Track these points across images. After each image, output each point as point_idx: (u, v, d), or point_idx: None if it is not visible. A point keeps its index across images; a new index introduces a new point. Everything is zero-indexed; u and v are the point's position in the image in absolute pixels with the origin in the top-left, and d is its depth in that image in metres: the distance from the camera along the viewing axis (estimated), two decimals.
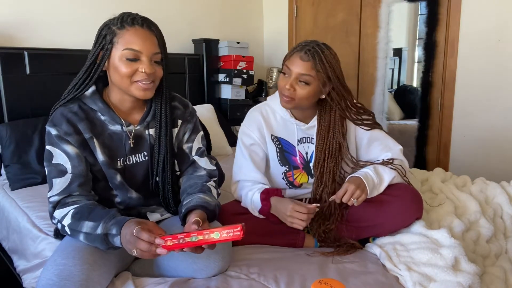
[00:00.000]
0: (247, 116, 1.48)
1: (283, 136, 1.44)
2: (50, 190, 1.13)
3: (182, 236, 0.94)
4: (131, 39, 1.08)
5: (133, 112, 1.22)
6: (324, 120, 1.39)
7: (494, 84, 2.41)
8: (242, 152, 1.44)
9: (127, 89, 1.13)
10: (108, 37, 1.10)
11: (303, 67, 1.27)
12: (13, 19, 2.13)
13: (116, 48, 1.09)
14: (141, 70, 1.09)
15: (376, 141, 1.43)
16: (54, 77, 2.14)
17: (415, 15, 3.01)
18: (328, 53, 1.29)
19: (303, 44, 1.31)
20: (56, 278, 0.97)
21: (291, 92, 1.29)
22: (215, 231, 0.93)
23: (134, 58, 1.09)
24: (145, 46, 1.09)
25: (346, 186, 1.25)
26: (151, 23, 1.13)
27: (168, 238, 0.94)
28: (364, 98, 2.99)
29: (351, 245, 1.33)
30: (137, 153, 1.22)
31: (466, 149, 2.58)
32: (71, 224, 1.07)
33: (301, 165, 1.44)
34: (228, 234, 0.93)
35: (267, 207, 1.31)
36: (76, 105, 1.16)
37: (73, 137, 1.12)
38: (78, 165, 1.13)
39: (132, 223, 1.00)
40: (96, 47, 1.12)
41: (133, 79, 1.11)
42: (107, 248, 1.05)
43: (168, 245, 0.94)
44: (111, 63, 1.11)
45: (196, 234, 0.94)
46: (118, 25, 1.09)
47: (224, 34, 3.15)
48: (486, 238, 1.47)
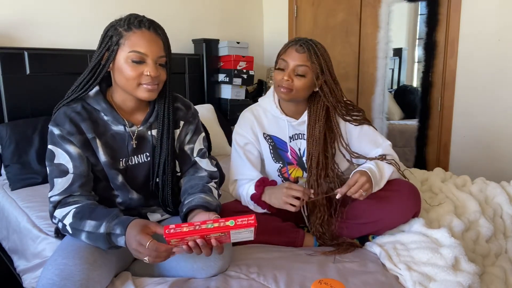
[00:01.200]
0: (240, 117, 1.52)
1: (275, 133, 1.46)
2: (51, 190, 1.13)
3: (199, 223, 0.94)
4: (137, 41, 1.09)
5: (136, 112, 1.23)
6: (314, 112, 1.42)
7: (494, 84, 2.41)
8: (238, 152, 1.46)
9: (132, 91, 1.13)
10: (114, 38, 1.10)
11: (299, 59, 1.32)
12: (13, 19, 2.13)
13: (122, 49, 1.09)
14: (146, 73, 1.10)
15: (365, 137, 1.44)
16: (54, 77, 2.14)
17: (415, 15, 3.01)
18: (320, 46, 1.35)
19: (296, 39, 1.36)
20: (56, 277, 0.97)
21: (289, 83, 1.32)
22: (230, 219, 0.94)
23: (139, 60, 1.09)
24: (151, 49, 1.10)
25: (357, 177, 1.23)
26: (157, 26, 1.14)
27: (185, 225, 0.94)
28: (364, 98, 2.99)
29: (351, 244, 1.33)
30: (139, 153, 1.22)
31: (466, 149, 2.58)
32: (72, 223, 1.07)
33: (294, 160, 1.46)
34: (243, 221, 0.94)
35: (258, 193, 1.32)
36: (79, 105, 1.16)
37: (75, 137, 1.12)
38: (80, 165, 1.13)
39: (136, 226, 1.00)
40: (102, 48, 1.12)
41: (139, 81, 1.11)
42: (109, 247, 1.05)
43: (184, 231, 0.93)
44: (116, 65, 1.11)
45: (212, 222, 0.95)
46: (124, 26, 1.09)
47: (224, 34, 3.15)
48: (485, 237, 1.47)
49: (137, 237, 0.97)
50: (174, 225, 0.94)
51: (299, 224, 1.48)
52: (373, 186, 1.26)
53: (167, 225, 0.95)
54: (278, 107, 1.44)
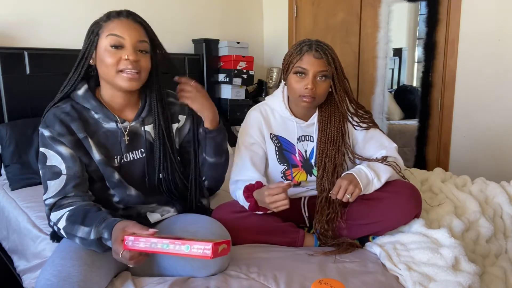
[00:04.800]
0: (247, 116, 1.50)
1: (282, 134, 1.45)
2: (45, 193, 1.12)
3: (155, 241, 0.93)
4: (114, 26, 1.10)
5: (126, 109, 1.22)
6: (325, 111, 1.42)
7: (494, 84, 2.41)
8: (242, 153, 1.44)
9: (113, 80, 1.12)
10: (95, 31, 1.12)
11: (319, 65, 1.31)
12: (13, 19, 2.13)
13: (101, 38, 1.11)
14: (125, 57, 1.09)
15: (371, 140, 1.45)
16: (54, 77, 2.14)
17: (415, 15, 3.01)
18: (331, 48, 1.35)
19: (307, 43, 1.33)
20: (54, 278, 0.97)
21: (313, 91, 1.31)
22: (186, 243, 0.91)
23: (117, 44, 1.09)
24: (129, 33, 1.10)
25: (339, 182, 1.26)
26: (137, 16, 1.15)
27: (143, 239, 0.94)
28: (364, 98, 2.99)
29: (351, 244, 1.33)
30: (133, 150, 1.21)
31: (466, 149, 2.58)
32: (65, 227, 1.07)
33: (300, 163, 1.44)
34: (198, 250, 0.89)
35: (252, 203, 1.31)
36: (68, 105, 1.16)
37: (66, 137, 1.12)
38: (73, 166, 1.12)
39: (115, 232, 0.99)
40: (85, 43, 1.14)
41: (118, 68, 1.10)
42: (104, 250, 1.05)
43: (141, 247, 0.93)
44: (98, 56, 1.12)
45: (168, 243, 0.92)
46: (105, 18, 1.12)
47: (224, 34, 3.15)
48: (485, 238, 1.47)
49: (114, 246, 0.98)
50: (134, 237, 0.94)
51: (299, 224, 1.48)
52: (361, 186, 1.27)
53: (127, 235, 0.95)
54: (287, 108, 1.43)
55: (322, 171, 1.41)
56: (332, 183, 1.38)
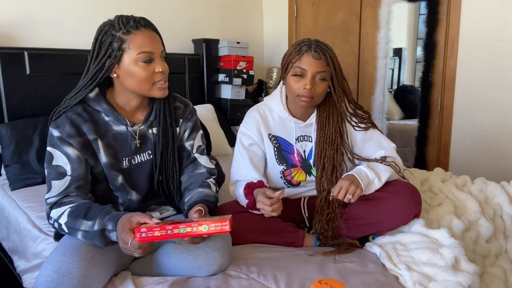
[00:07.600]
0: (246, 116, 1.50)
1: (281, 134, 1.45)
2: (48, 192, 1.13)
3: (171, 227, 0.95)
4: (141, 42, 1.10)
5: (137, 112, 1.24)
6: (323, 111, 1.42)
7: (494, 84, 2.41)
8: (241, 153, 1.45)
9: (147, 92, 1.15)
10: (115, 44, 1.09)
11: (318, 65, 1.31)
12: (13, 19, 2.13)
13: (128, 53, 1.10)
14: (158, 70, 1.13)
15: (370, 140, 1.45)
16: (54, 77, 2.14)
17: (415, 15, 3.01)
18: (330, 48, 1.35)
19: (306, 43, 1.33)
20: (54, 274, 0.98)
21: (312, 91, 1.31)
22: (203, 224, 0.95)
23: (149, 59, 1.11)
24: (155, 46, 1.13)
25: (340, 182, 1.27)
26: (150, 22, 1.16)
27: (157, 228, 0.95)
28: (364, 98, 2.99)
29: (351, 244, 1.33)
30: (142, 152, 1.23)
31: (466, 149, 2.58)
32: (68, 222, 1.07)
33: (299, 163, 1.45)
34: (216, 227, 0.95)
35: (251, 201, 1.32)
36: (80, 107, 1.17)
37: (75, 139, 1.13)
38: (78, 168, 1.14)
39: (122, 222, 1.01)
40: (102, 56, 1.11)
41: (153, 80, 1.13)
42: (105, 244, 1.06)
43: (156, 235, 0.94)
44: (124, 69, 1.12)
45: (185, 226, 0.95)
46: (122, 30, 1.09)
47: (224, 34, 3.15)
48: (485, 237, 1.47)
49: (122, 236, 0.99)
50: (146, 228, 0.95)
51: (299, 224, 1.48)
52: (362, 187, 1.27)
53: (138, 228, 0.95)
54: (286, 109, 1.43)
55: (321, 171, 1.41)
56: (331, 183, 1.38)
